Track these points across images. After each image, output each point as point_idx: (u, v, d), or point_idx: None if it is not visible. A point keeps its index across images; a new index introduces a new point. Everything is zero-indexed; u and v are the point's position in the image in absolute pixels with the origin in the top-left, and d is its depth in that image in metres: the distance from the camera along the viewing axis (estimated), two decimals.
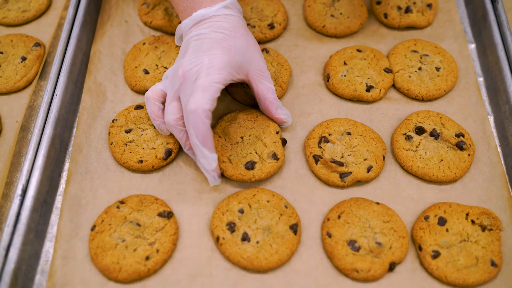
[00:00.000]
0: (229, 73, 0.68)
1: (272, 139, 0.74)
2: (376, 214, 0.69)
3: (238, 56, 0.69)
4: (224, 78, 0.67)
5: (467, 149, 0.74)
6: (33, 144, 0.72)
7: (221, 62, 0.67)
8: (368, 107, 0.80)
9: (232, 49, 0.69)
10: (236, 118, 0.76)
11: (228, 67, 0.68)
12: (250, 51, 0.72)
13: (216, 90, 0.66)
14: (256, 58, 0.72)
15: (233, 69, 0.68)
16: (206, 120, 0.65)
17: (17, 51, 0.84)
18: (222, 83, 0.67)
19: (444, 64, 0.83)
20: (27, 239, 0.66)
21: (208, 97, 0.65)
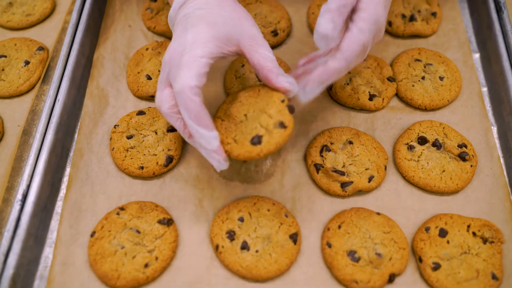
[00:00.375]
0: (216, 46, 0.63)
1: (278, 108, 0.64)
2: (377, 224, 0.69)
3: (226, 27, 0.64)
4: (210, 51, 0.62)
5: (469, 160, 0.74)
6: (34, 149, 0.72)
7: (206, 36, 0.63)
8: (371, 116, 0.80)
9: (218, 22, 0.64)
10: (237, 97, 0.69)
11: (214, 40, 0.63)
12: (240, 20, 0.65)
13: (201, 64, 0.61)
14: (247, 27, 0.65)
15: (221, 42, 0.63)
16: (195, 97, 0.60)
17: (20, 55, 0.84)
18: (208, 56, 0.62)
19: (448, 74, 0.83)
20: (26, 245, 0.66)
21: (193, 73, 0.60)
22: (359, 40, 0.62)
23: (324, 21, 0.60)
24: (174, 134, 0.76)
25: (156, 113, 0.78)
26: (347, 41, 0.62)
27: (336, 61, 0.62)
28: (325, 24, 0.60)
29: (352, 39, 0.62)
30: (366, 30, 0.62)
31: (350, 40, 0.62)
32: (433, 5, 0.91)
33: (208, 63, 0.62)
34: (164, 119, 0.77)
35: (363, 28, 0.62)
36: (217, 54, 0.63)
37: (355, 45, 0.62)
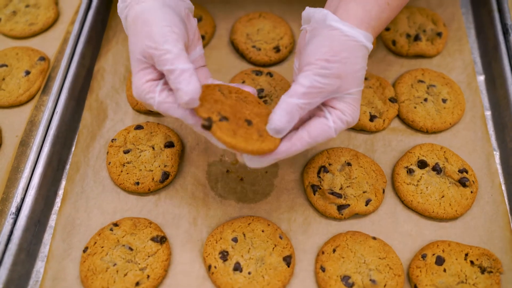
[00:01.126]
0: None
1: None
2: (372, 249, 0.67)
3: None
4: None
5: (470, 186, 0.73)
6: (30, 161, 0.72)
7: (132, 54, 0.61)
8: (371, 137, 0.79)
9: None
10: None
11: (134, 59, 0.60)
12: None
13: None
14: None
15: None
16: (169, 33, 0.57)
17: (21, 64, 0.84)
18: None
19: (451, 96, 0.82)
20: (17, 259, 0.65)
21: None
22: (329, 134, 0.60)
23: (280, 114, 0.57)
24: (171, 150, 0.75)
25: (153, 128, 0.77)
26: (318, 129, 0.59)
27: (300, 143, 0.59)
28: (281, 118, 0.57)
29: (324, 130, 0.59)
30: (339, 129, 0.60)
31: (322, 131, 0.59)
32: (439, 25, 0.90)
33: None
34: (161, 135, 0.76)
35: (337, 127, 0.60)
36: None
37: (324, 136, 0.60)
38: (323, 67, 0.57)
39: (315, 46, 0.59)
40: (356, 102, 0.61)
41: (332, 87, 0.58)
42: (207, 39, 0.89)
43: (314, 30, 0.61)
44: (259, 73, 0.83)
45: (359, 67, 0.60)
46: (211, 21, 0.91)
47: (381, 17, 0.64)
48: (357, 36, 0.59)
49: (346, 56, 0.58)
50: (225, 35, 0.91)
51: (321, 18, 0.61)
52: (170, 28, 0.58)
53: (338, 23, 0.59)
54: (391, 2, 0.64)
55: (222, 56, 0.88)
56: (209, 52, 0.88)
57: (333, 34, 0.59)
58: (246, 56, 0.86)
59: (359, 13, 0.61)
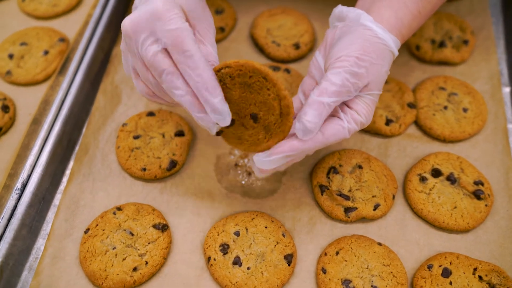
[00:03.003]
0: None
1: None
2: (377, 255, 0.65)
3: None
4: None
5: (484, 199, 0.70)
6: (40, 139, 0.72)
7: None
8: (385, 141, 0.77)
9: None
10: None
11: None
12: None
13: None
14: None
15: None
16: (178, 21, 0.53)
17: (41, 44, 0.85)
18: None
19: (472, 106, 0.79)
20: (19, 234, 0.65)
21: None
22: (343, 134, 0.59)
23: (312, 115, 0.56)
24: (181, 139, 0.75)
25: (165, 116, 0.77)
26: (334, 130, 0.58)
27: (312, 142, 0.57)
28: (313, 119, 0.55)
29: (338, 131, 0.58)
30: (353, 130, 0.59)
31: (336, 131, 0.58)
32: (466, 32, 0.87)
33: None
34: (173, 123, 0.76)
35: (351, 128, 0.59)
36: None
37: (338, 136, 0.59)
38: (353, 65, 0.57)
39: (346, 43, 0.59)
40: (372, 104, 0.61)
41: (359, 86, 0.58)
42: (227, 32, 0.88)
43: (347, 28, 0.61)
44: (276, 68, 0.82)
45: (383, 71, 0.60)
46: (233, 14, 0.90)
47: (412, 25, 0.64)
48: (388, 40, 0.59)
49: (375, 57, 0.58)
50: (245, 29, 0.90)
51: (355, 17, 0.61)
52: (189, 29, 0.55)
53: (372, 24, 0.60)
54: (422, 11, 0.64)
55: (240, 49, 0.87)
56: (228, 45, 0.88)
57: (365, 33, 0.59)
58: (265, 51, 0.85)
59: (391, 19, 0.61)
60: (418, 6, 0.64)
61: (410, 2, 0.63)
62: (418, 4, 0.64)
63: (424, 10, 0.65)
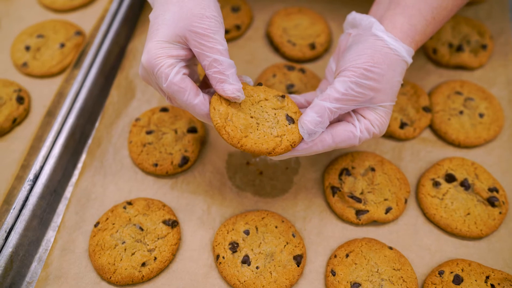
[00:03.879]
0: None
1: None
2: (387, 259, 0.65)
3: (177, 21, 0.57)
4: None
5: (499, 206, 0.69)
6: (53, 131, 0.72)
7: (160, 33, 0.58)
8: (399, 145, 0.76)
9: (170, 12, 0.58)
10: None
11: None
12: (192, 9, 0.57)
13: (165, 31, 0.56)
14: (198, 18, 0.56)
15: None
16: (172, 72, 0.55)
17: (58, 36, 0.85)
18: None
19: (489, 111, 0.78)
20: (30, 225, 0.66)
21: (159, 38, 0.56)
22: (353, 142, 0.60)
23: (311, 116, 0.57)
24: (194, 135, 0.74)
25: (179, 112, 0.77)
26: (343, 135, 0.59)
27: (322, 144, 0.59)
28: (312, 120, 0.57)
29: (348, 137, 0.59)
30: (364, 139, 0.60)
31: (346, 137, 0.59)
32: (485, 37, 0.86)
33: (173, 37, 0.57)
34: (185, 119, 0.76)
35: (362, 137, 0.60)
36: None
37: (347, 142, 0.60)
38: (360, 76, 0.57)
39: (356, 53, 0.59)
40: (386, 115, 0.61)
41: (366, 98, 0.58)
42: (243, 30, 0.88)
43: (358, 36, 0.61)
44: (291, 68, 0.81)
45: (395, 81, 0.60)
46: (249, 12, 0.90)
47: (426, 32, 0.63)
48: (400, 50, 0.59)
49: (385, 68, 0.58)
50: (261, 27, 0.89)
51: (367, 26, 0.61)
52: (221, 22, 0.57)
53: (383, 34, 0.59)
54: (436, 17, 0.64)
55: (256, 47, 0.87)
56: (244, 43, 0.87)
57: (376, 43, 0.59)
58: (280, 49, 0.85)
59: (404, 26, 0.61)
60: (433, 13, 0.63)
61: (424, 8, 0.62)
62: (432, 10, 0.63)
63: (438, 16, 0.64)
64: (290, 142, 0.57)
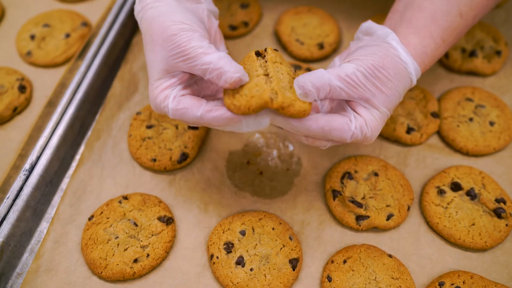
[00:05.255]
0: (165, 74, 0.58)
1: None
2: (386, 267, 0.63)
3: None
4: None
5: (506, 218, 0.66)
6: (52, 122, 0.71)
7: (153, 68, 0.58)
8: (405, 150, 0.74)
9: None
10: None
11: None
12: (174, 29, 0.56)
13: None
14: (180, 37, 0.56)
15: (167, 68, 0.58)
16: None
17: (63, 27, 0.84)
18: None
19: (500, 120, 0.75)
20: (23, 216, 0.65)
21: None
22: (346, 134, 0.55)
23: (311, 76, 0.53)
24: (194, 132, 0.73)
25: None
26: (339, 124, 0.54)
27: (315, 123, 0.54)
28: (312, 80, 0.53)
29: (343, 127, 0.55)
30: (355, 137, 0.56)
31: (341, 126, 0.54)
32: (500, 43, 0.83)
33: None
34: None
35: (355, 133, 0.55)
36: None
37: (340, 133, 0.55)
38: (368, 69, 0.55)
39: (368, 51, 0.57)
40: (380, 120, 0.58)
41: (366, 93, 0.56)
42: (251, 27, 0.86)
43: (372, 41, 0.60)
44: (298, 67, 0.80)
45: (396, 92, 0.58)
46: (258, 9, 0.88)
47: (434, 55, 0.62)
48: (409, 66, 0.58)
49: (392, 75, 0.57)
50: (270, 25, 0.88)
51: (382, 35, 0.60)
52: (191, 27, 0.56)
53: (398, 45, 0.58)
54: (447, 39, 0.63)
55: (263, 45, 0.85)
56: (251, 40, 0.86)
57: (389, 51, 0.58)
58: (287, 48, 0.83)
59: (417, 47, 0.60)
60: (443, 35, 0.62)
61: (435, 30, 0.61)
62: (443, 32, 0.62)
63: (448, 38, 0.63)
64: (302, 108, 0.52)
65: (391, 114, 0.59)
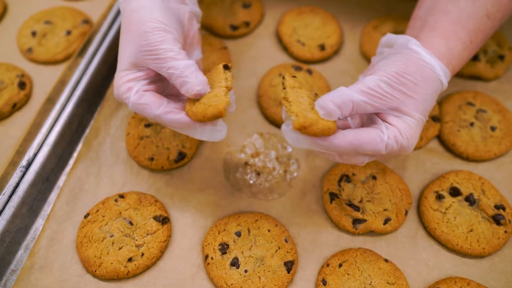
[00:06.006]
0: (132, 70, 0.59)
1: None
2: (382, 272, 0.62)
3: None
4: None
5: (504, 224, 0.66)
6: (50, 118, 0.71)
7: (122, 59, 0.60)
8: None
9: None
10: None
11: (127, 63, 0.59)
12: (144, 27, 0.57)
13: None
14: (150, 34, 0.57)
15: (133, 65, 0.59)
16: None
17: (65, 24, 0.84)
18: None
19: (501, 125, 0.75)
20: (18, 212, 0.65)
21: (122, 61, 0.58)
22: (379, 147, 0.53)
23: (332, 95, 0.53)
24: None
25: None
26: (370, 137, 0.53)
27: (344, 139, 0.52)
28: (333, 99, 0.52)
29: (375, 140, 0.53)
30: (390, 147, 0.54)
31: (372, 139, 0.53)
32: (503, 47, 0.83)
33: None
34: None
35: (389, 144, 0.53)
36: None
37: (372, 146, 0.53)
38: (392, 77, 0.54)
39: (390, 61, 0.56)
40: (416, 127, 0.55)
41: (394, 102, 0.54)
42: (252, 27, 0.86)
43: (393, 51, 0.59)
44: (298, 68, 0.79)
45: (427, 96, 0.56)
46: (260, 9, 0.88)
47: (463, 56, 0.60)
48: (435, 67, 0.56)
49: (419, 79, 0.55)
50: (271, 25, 0.87)
51: (403, 42, 0.59)
52: (167, 27, 0.56)
53: (419, 48, 0.57)
54: (474, 40, 0.61)
55: (264, 45, 0.85)
56: (252, 40, 0.85)
57: (411, 56, 0.56)
58: (288, 49, 0.83)
59: (442, 48, 0.59)
60: (470, 36, 0.60)
61: (461, 31, 0.60)
62: (470, 34, 0.60)
63: (476, 40, 0.61)
64: (326, 126, 0.52)
65: (426, 119, 0.57)
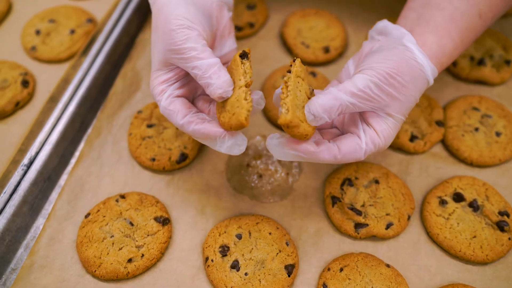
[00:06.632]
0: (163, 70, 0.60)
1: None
2: (383, 277, 0.61)
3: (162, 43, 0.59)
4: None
5: (508, 231, 0.65)
6: (53, 117, 0.71)
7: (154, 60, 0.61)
8: (408, 158, 0.73)
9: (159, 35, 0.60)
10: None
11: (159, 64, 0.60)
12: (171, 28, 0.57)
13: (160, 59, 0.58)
14: (177, 35, 0.57)
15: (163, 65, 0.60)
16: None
17: (69, 22, 0.84)
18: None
19: (507, 130, 0.74)
20: (19, 211, 0.65)
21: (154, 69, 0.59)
22: (359, 155, 0.55)
23: (322, 99, 0.53)
24: None
25: None
26: (350, 148, 0.55)
27: (328, 153, 0.54)
28: (323, 103, 0.52)
29: (355, 150, 0.55)
30: (369, 152, 0.56)
31: (353, 149, 0.55)
32: (509, 52, 0.82)
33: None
34: None
35: (367, 150, 0.56)
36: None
37: (353, 155, 0.55)
38: (382, 79, 0.54)
39: (382, 57, 0.56)
40: (394, 128, 0.57)
41: (381, 103, 0.55)
42: (257, 28, 0.86)
43: (387, 44, 0.59)
44: None
45: (412, 98, 0.57)
46: (264, 11, 0.87)
47: (452, 55, 0.61)
48: (426, 67, 0.57)
49: (408, 80, 0.56)
50: (276, 27, 0.87)
51: (398, 36, 0.59)
52: (192, 24, 0.56)
53: (414, 47, 0.57)
54: (464, 40, 0.61)
55: (268, 47, 0.84)
56: (256, 42, 0.85)
57: (405, 54, 0.56)
58: (292, 51, 0.82)
59: (433, 46, 0.59)
60: (461, 35, 0.60)
61: (454, 29, 0.60)
62: (461, 33, 0.60)
63: (466, 39, 0.62)
64: (305, 132, 0.52)
65: (406, 118, 0.59)
